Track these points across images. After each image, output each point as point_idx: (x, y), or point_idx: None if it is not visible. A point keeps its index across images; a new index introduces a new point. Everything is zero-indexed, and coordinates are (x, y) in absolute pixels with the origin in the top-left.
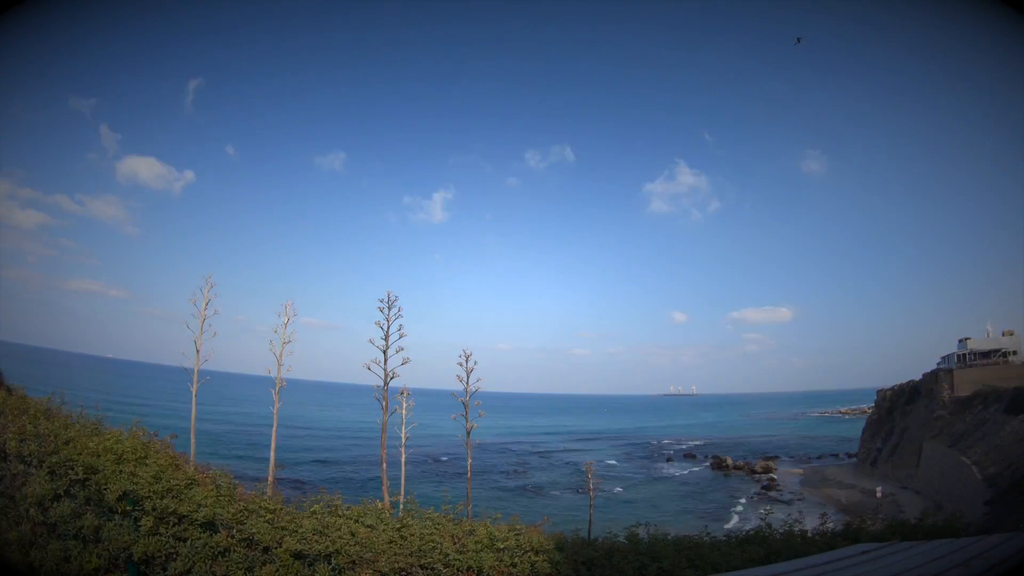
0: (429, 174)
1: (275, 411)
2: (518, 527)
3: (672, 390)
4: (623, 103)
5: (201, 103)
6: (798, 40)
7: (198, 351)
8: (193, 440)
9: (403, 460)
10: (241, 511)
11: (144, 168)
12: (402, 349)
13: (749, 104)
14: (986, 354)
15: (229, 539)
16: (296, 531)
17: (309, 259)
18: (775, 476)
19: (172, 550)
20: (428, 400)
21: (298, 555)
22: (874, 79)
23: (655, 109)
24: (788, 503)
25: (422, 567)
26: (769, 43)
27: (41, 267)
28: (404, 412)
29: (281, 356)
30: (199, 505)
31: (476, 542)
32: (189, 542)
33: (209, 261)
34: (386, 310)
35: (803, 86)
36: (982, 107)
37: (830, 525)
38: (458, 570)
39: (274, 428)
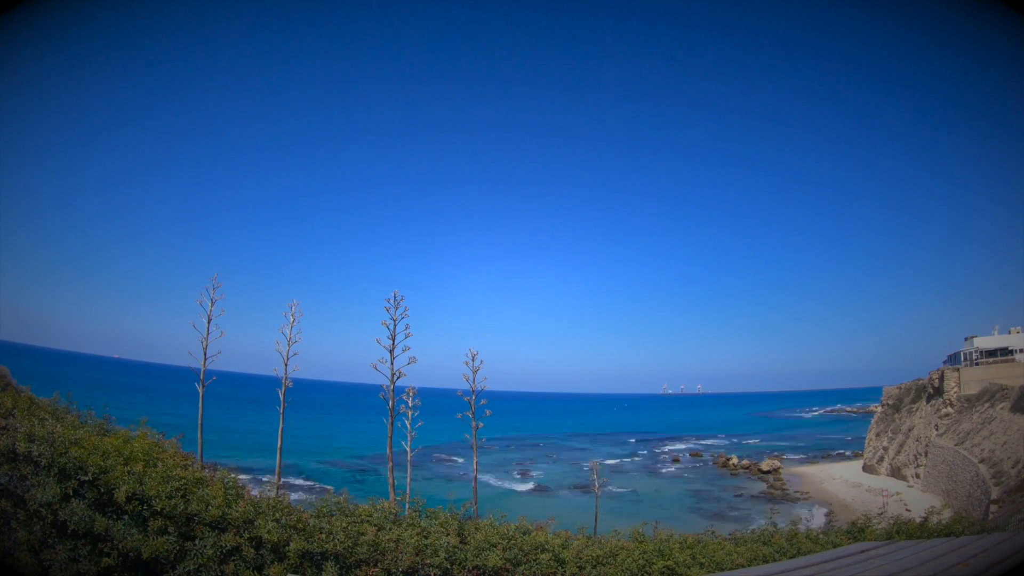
0: (434, 172)
1: (282, 411)
2: (524, 526)
3: (678, 388)
4: (629, 103)
5: (208, 101)
6: None
7: (205, 351)
8: (200, 440)
9: (409, 459)
10: (249, 511)
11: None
12: (408, 348)
13: (750, 104)
14: (992, 352)
15: (237, 539)
16: (304, 531)
17: (317, 258)
18: (781, 475)
19: (181, 550)
20: (434, 400)
21: (306, 554)
22: (875, 79)
23: (660, 109)
24: (794, 502)
25: (429, 566)
26: (769, 44)
27: (43, 266)
28: (410, 412)
29: (287, 356)
30: (207, 505)
31: (482, 540)
32: (198, 542)
33: (214, 261)
34: (392, 310)
35: (802, 86)
36: (984, 106)
37: (835, 524)
38: (464, 568)
39: (280, 428)
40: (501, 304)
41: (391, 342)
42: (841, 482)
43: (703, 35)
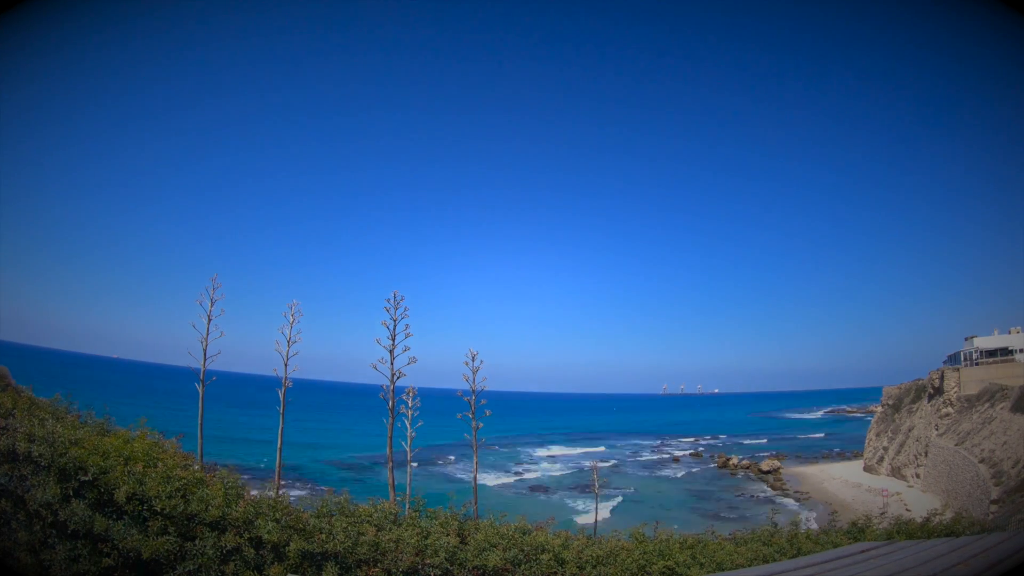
0: (435, 174)
1: (281, 411)
2: (524, 526)
3: (678, 388)
4: (629, 108)
5: (208, 101)
6: None
7: (205, 351)
8: (200, 440)
9: (409, 459)
10: (249, 511)
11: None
12: (408, 348)
13: (748, 108)
14: (992, 352)
15: (237, 539)
16: (304, 531)
17: (317, 259)
18: (781, 475)
19: (181, 550)
20: (434, 400)
21: (306, 555)
22: (875, 79)
23: (659, 110)
24: (794, 502)
25: (429, 566)
26: (766, 48)
27: (43, 267)
28: (410, 412)
29: (287, 356)
30: (207, 505)
31: (482, 541)
32: (198, 542)
33: (216, 261)
34: (392, 310)
35: (802, 87)
36: (984, 106)
37: (836, 524)
38: (465, 569)
39: (280, 428)
40: (501, 305)
41: (391, 342)
42: (841, 482)
43: (700, 39)
